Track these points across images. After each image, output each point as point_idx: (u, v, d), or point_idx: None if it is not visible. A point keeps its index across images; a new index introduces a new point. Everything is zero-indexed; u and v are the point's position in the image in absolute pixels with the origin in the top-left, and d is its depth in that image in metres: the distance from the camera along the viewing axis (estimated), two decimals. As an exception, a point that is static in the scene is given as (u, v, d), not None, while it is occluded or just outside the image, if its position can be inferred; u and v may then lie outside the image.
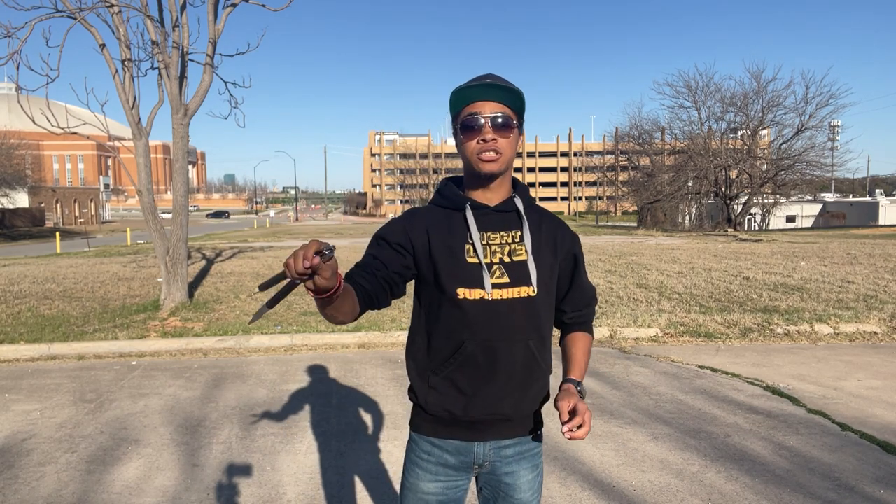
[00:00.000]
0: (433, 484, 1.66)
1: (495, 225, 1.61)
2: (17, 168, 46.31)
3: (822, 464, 3.63)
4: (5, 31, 7.43)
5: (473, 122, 1.53)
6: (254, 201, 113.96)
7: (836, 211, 53.14)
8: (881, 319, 7.29)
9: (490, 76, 1.58)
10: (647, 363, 5.91)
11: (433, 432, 1.65)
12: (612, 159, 62.72)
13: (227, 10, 8.31)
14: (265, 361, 6.20)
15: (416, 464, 1.69)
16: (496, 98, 1.54)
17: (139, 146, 8.24)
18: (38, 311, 8.48)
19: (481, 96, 1.53)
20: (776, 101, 35.42)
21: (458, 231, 1.59)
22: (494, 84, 1.54)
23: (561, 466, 3.66)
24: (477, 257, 1.56)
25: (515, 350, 1.59)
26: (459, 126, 1.56)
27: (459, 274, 1.56)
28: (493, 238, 1.59)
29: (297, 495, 3.37)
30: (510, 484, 1.67)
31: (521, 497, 1.68)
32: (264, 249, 18.85)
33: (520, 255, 1.59)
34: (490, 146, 1.52)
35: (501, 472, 1.67)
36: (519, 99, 1.57)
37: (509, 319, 1.57)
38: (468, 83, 1.57)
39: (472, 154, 1.55)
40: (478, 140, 1.53)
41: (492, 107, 1.53)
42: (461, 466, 1.66)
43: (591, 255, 15.19)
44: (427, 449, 1.67)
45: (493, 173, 1.56)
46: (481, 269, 1.55)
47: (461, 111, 1.56)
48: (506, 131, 1.54)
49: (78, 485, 3.51)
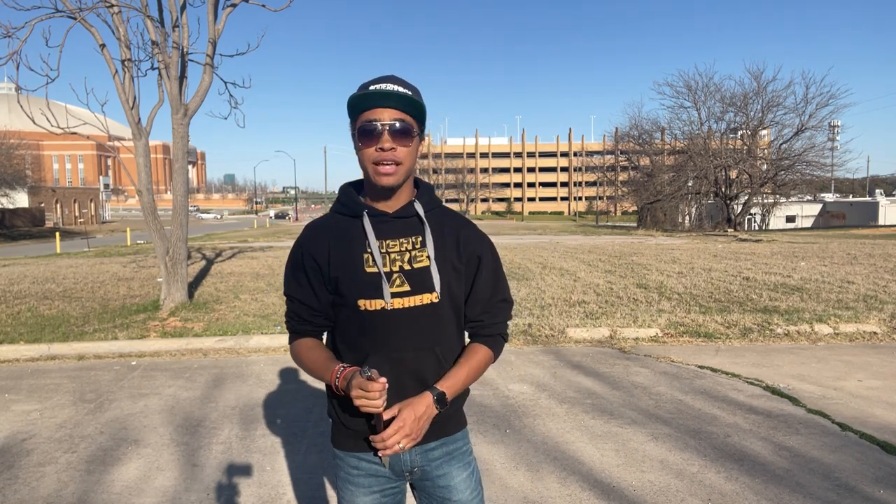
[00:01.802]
0: (369, 497, 1.64)
1: (395, 232, 1.56)
2: (17, 168, 46.31)
3: (822, 464, 3.63)
4: (5, 31, 7.43)
5: (371, 129, 1.47)
6: (254, 201, 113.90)
7: (835, 211, 53.16)
8: (881, 319, 7.29)
9: (391, 79, 1.52)
10: (647, 363, 5.91)
11: (356, 447, 1.63)
12: (612, 159, 62.80)
13: (227, 11, 8.31)
14: (265, 361, 6.20)
15: (348, 481, 1.66)
16: (395, 105, 1.47)
17: (139, 146, 8.24)
18: (37, 312, 8.48)
19: (380, 102, 1.47)
20: (776, 101, 35.49)
21: (357, 240, 1.56)
22: (394, 91, 1.47)
23: (561, 466, 3.66)
24: (376, 266, 1.53)
25: (422, 358, 1.56)
26: (357, 132, 1.51)
27: (359, 284, 1.54)
28: (392, 246, 1.55)
29: (298, 495, 3.37)
30: (445, 486, 1.65)
31: (461, 498, 1.65)
32: (264, 249, 18.85)
33: (421, 261, 1.55)
34: (388, 156, 1.47)
35: (434, 476, 1.65)
36: (419, 106, 1.51)
37: (412, 329, 1.55)
38: (367, 87, 1.50)
39: (369, 163, 1.50)
40: (376, 148, 1.48)
41: (391, 114, 1.47)
42: (392, 474, 1.65)
43: (591, 255, 15.20)
44: (354, 464, 1.65)
45: (392, 187, 1.52)
46: (381, 278, 1.52)
47: (359, 116, 1.50)
48: (405, 139, 1.49)
49: (78, 485, 3.51)
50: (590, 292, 9.37)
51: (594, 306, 8.28)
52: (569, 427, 4.28)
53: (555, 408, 4.68)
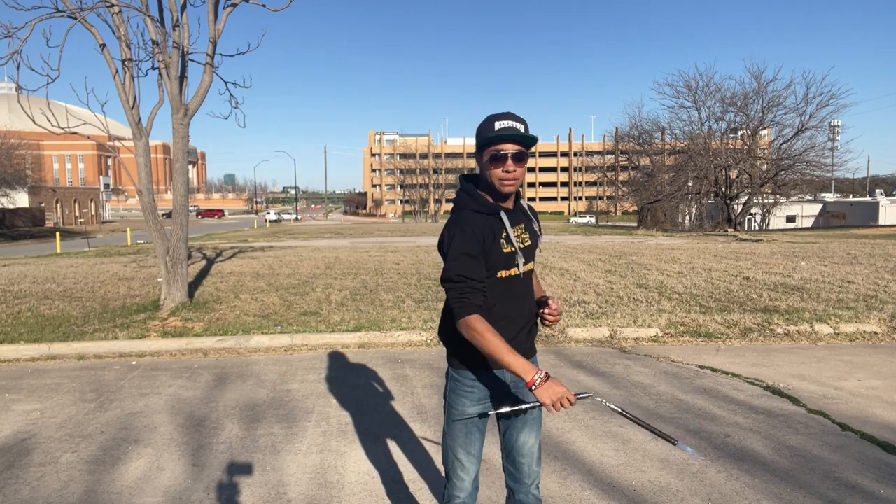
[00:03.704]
0: (476, 406, 2.25)
1: (517, 220, 2.24)
2: (17, 168, 46.32)
3: (823, 463, 3.63)
4: (6, 30, 7.43)
5: (500, 156, 2.09)
6: (254, 201, 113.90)
7: (836, 211, 53.16)
8: (881, 319, 7.29)
9: (513, 119, 2.10)
10: (648, 363, 5.91)
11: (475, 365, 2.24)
12: (612, 159, 62.79)
13: (228, 10, 8.31)
14: (265, 361, 6.21)
15: (463, 395, 2.26)
16: (516, 142, 2.10)
17: (139, 146, 8.24)
18: (38, 311, 8.48)
19: (507, 140, 2.08)
20: (776, 101, 35.45)
21: (497, 229, 2.16)
22: (516, 135, 2.08)
23: (561, 466, 3.66)
24: (512, 246, 2.17)
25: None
26: (489, 158, 2.11)
27: (500, 260, 2.16)
28: (518, 230, 2.22)
29: (298, 495, 3.37)
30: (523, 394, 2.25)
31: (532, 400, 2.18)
32: (264, 249, 18.85)
33: (528, 241, 2.26)
34: (511, 175, 2.11)
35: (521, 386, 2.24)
36: (532, 138, 2.12)
37: (526, 286, 2.26)
38: (499, 128, 2.09)
39: (496, 178, 2.12)
40: (503, 169, 2.09)
41: (513, 147, 2.09)
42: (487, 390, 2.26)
43: (592, 255, 15.20)
44: (471, 382, 2.25)
45: (512, 193, 2.18)
46: (515, 254, 2.18)
47: (489, 146, 2.10)
48: (521, 162, 2.12)
49: (78, 484, 3.52)
50: (590, 292, 9.37)
51: (594, 306, 8.28)
52: (569, 426, 4.28)
53: (555, 407, 4.67)
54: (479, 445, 2.28)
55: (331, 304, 8.74)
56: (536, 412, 2.30)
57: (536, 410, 2.28)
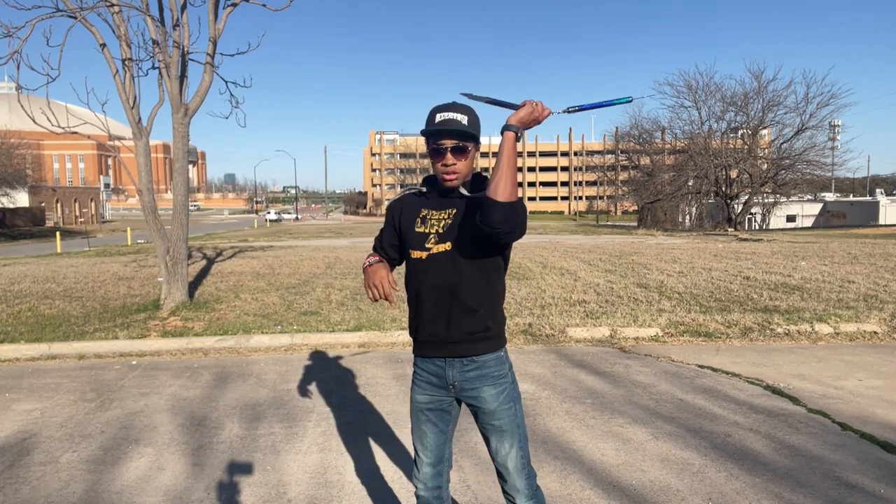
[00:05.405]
0: (424, 396, 2.29)
1: (446, 206, 2.22)
2: (17, 167, 46.31)
3: (823, 463, 3.63)
4: (6, 30, 7.42)
5: (439, 151, 2.12)
6: (254, 201, 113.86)
7: (836, 210, 53.11)
8: (881, 319, 7.29)
9: (454, 111, 2.10)
10: (648, 363, 5.91)
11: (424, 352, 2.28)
12: (612, 159, 62.72)
13: (228, 10, 8.31)
14: (266, 361, 6.21)
15: (415, 382, 2.33)
16: (455, 137, 2.10)
17: (139, 146, 8.24)
18: (38, 311, 8.48)
19: (444, 136, 2.10)
20: (776, 100, 35.44)
21: (417, 209, 2.26)
22: (453, 129, 2.08)
23: (561, 466, 3.66)
24: (425, 227, 2.22)
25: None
26: (430, 151, 2.15)
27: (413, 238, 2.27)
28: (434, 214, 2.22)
29: (298, 495, 3.37)
30: (475, 398, 2.22)
31: (489, 408, 2.19)
32: (264, 249, 18.85)
33: (447, 226, 2.21)
34: (451, 169, 2.13)
35: (467, 389, 2.21)
36: (472, 132, 2.11)
37: (442, 269, 2.24)
38: (439, 120, 2.09)
39: (438, 172, 2.17)
40: (441, 163, 2.13)
41: (451, 141, 2.10)
42: (441, 383, 2.25)
43: (592, 255, 15.20)
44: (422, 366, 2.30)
45: (455, 187, 2.19)
46: (427, 236, 2.22)
47: (429, 139, 2.13)
48: (462, 155, 2.13)
49: (79, 484, 3.52)
50: (590, 292, 9.37)
51: (594, 306, 8.28)
52: (569, 426, 4.28)
53: (555, 406, 4.68)
54: (432, 437, 2.25)
55: (331, 303, 8.74)
56: (505, 421, 2.19)
57: (505, 419, 2.19)
